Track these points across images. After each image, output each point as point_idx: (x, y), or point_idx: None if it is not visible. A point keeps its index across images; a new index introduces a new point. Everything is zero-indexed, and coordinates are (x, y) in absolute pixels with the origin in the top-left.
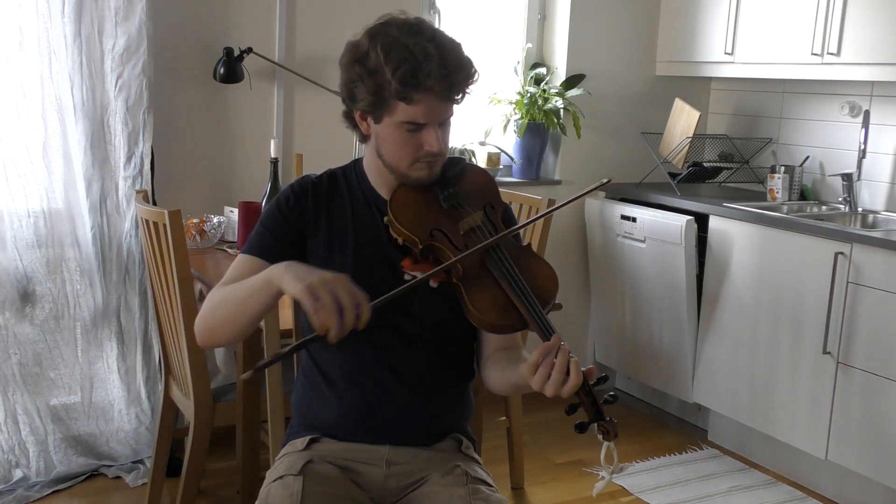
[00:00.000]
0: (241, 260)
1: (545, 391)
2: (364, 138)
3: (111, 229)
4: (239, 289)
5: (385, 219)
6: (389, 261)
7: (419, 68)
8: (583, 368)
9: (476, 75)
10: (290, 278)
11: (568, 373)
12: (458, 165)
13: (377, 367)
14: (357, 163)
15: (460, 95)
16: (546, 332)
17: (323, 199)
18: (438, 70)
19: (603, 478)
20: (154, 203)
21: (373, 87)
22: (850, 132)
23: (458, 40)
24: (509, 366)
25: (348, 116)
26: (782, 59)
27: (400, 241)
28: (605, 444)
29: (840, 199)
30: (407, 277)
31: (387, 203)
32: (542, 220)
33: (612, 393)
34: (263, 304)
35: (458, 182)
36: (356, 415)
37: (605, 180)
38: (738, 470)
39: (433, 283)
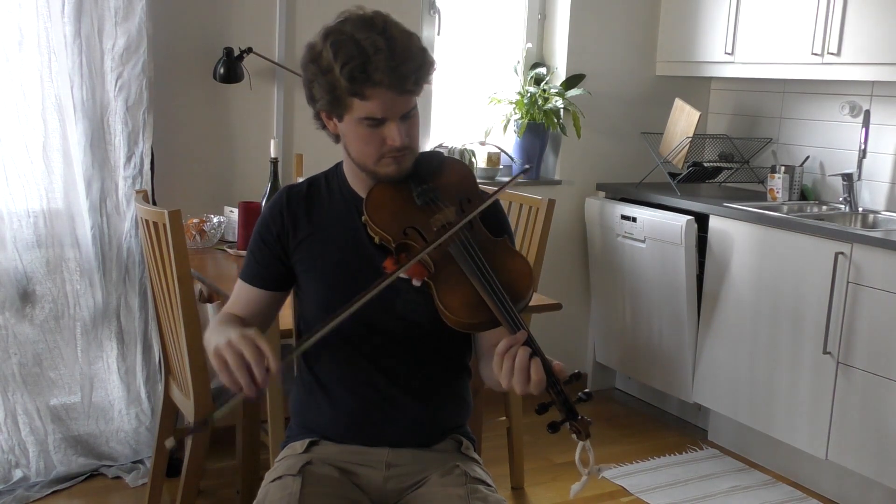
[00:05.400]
0: (238, 285)
1: (514, 389)
2: (336, 139)
3: (111, 229)
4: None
5: (362, 219)
6: (371, 262)
7: (368, 62)
8: (554, 362)
9: (431, 65)
10: (207, 343)
11: (530, 370)
12: (436, 160)
13: (369, 370)
14: (339, 165)
15: (416, 87)
16: (516, 330)
17: (300, 208)
18: (386, 63)
19: (582, 478)
20: (154, 203)
21: (326, 85)
22: (850, 132)
23: (411, 31)
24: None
25: (317, 117)
26: (782, 59)
27: (376, 240)
28: (580, 444)
29: (840, 199)
30: None
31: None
32: (543, 221)
33: (586, 391)
34: None
35: (434, 177)
36: (352, 419)
37: (526, 167)
38: (738, 470)
39: (416, 282)
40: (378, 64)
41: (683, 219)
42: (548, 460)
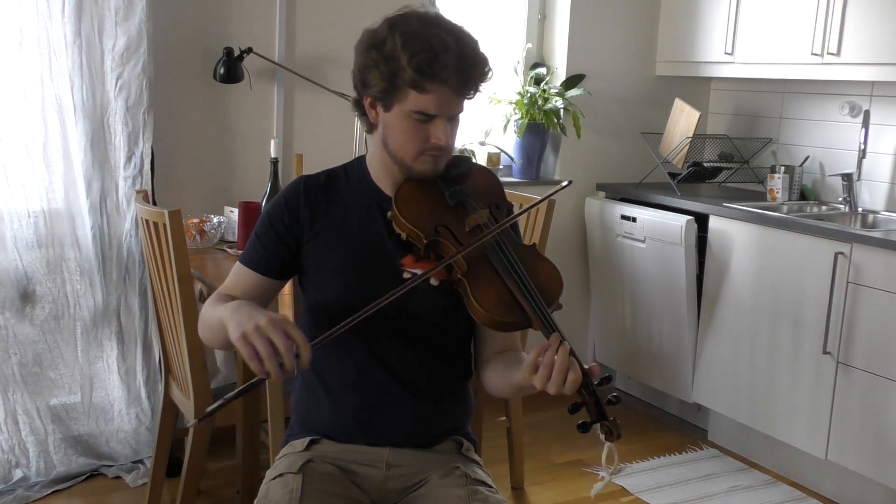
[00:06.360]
0: (237, 269)
1: (548, 390)
2: (371, 128)
3: (111, 229)
4: (214, 317)
5: (389, 214)
6: (389, 258)
7: (436, 58)
8: (586, 366)
9: (490, 73)
10: (231, 326)
11: (569, 371)
12: (465, 164)
13: (374, 369)
14: (360, 159)
15: (472, 92)
16: (550, 331)
17: (318, 199)
18: (455, 62)
19: (602, 478)
20: (154, 203)
21: (387, 73)
22: (850, 132)
23: (476, 37)
24: (510, 367)
25: (358, 104)
26: (782, 59)
27: (404, 236)
28: (607, 444)
29: (840, 199)
30: (406, 276)
31: (389, 199)
32: (543, 221)
33: (615, 394)
34: (228, 340)
35: (463, 180)
36: (354, 418)
37: (565, 183)
38: (738, 470)
39: (434, 282)
40: (447, 61)
41: (683, 219)
42: (548, 460)
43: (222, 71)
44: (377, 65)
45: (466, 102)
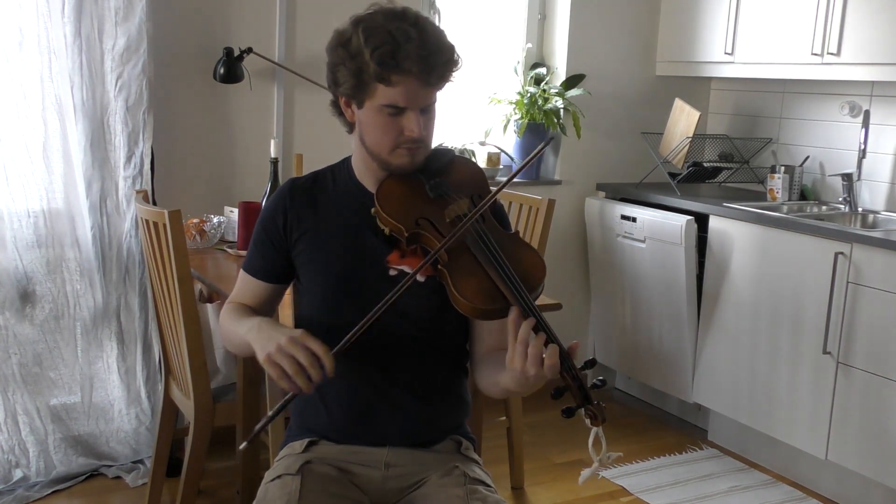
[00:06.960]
0: (241, 276)
1: (528, 369)
2: (350, 127)
3: (111, 229)
4: (237, 333)
5: (372, 210)
6: (375, 256)
7: (398, 49)
8: (571, 343)
9: (458, 61)
10: (256, 347)
11: (545, 346)
12: (446, 156)
13: (369, 369)
14: (346, 160)
15: (441, 80)
16: (532, 317)
17: (305, 201)
18: (417, 52)
19: (593, 465)
20: (154, 203)
21: (354, 69)
22: (850, 132)
23: (442, 28)
24: (499, 368)
25: (334, 104)
26: (782, 59)
27: (387, 231)
28: (594, 429)
29: (840, 199)
30: (392, 272)
31: (373, 196)
32: (543, 221)
33: (600, 378)
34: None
35: (445, 172)
36: (351, 418)
37: (550, 137)
38: (738, 470)
39: (420, 278)
40: (409, 52)
41: (683, 219)
42: (548, 460)
43: (222, 71)
44: (344, 62)
45: (440, 94)
